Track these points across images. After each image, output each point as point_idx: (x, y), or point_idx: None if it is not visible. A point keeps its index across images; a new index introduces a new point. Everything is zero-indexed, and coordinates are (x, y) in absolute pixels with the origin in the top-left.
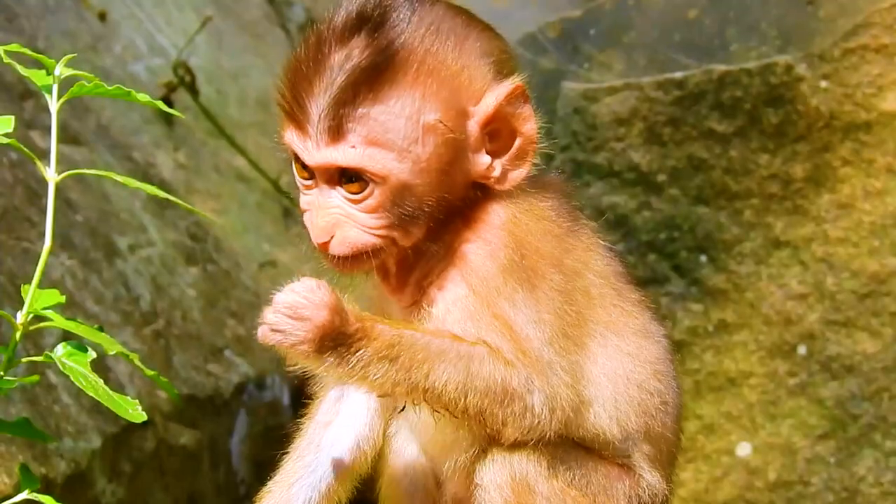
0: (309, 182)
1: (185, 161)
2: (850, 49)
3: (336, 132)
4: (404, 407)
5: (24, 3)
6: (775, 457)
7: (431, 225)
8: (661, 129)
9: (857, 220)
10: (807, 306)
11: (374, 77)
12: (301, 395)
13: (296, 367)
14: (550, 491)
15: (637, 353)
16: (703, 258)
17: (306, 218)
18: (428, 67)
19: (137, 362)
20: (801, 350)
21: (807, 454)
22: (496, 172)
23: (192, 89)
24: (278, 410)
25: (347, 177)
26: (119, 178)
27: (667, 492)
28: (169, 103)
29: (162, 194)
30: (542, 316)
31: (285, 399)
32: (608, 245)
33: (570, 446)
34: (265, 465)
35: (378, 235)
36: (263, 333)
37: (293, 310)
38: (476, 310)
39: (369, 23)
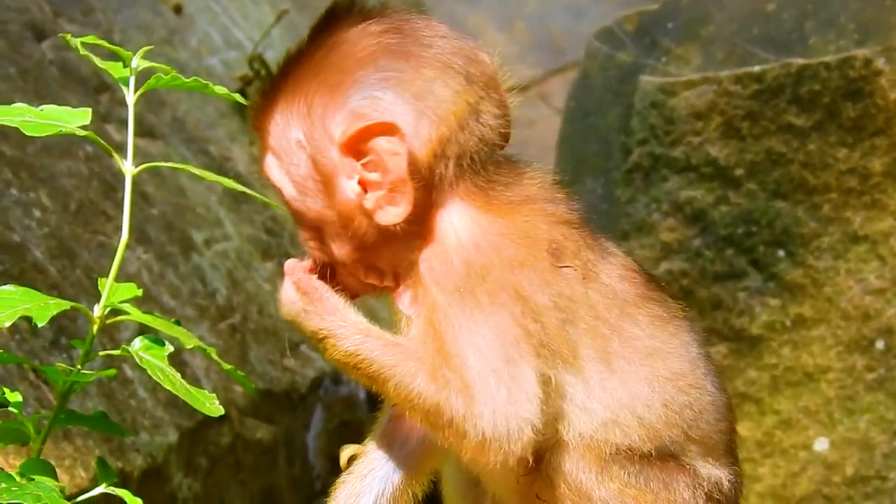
0: None
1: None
2: None
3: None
4: None
5: None
6: (853, 452)
7: (391, 239)
8: (739, 123)
9: None
10: (885, 301)
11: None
12: None
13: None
14: (608, 494)
15: (653, 375)
16: (781, 253)
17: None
18: (312, 84)
19: (215, 356)
20: (879, 345)
21: (884, 449)
22: (369, 204)
23: None
24: (354, 405)
25: None
26: (196, 171)
27: (731, 477)
28: (245, 97)
29: (239, 188)
30: (489, 344)
31: (361, 394)
32: (620, 255)
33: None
34: None
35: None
36: None
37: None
38: (428, 333)
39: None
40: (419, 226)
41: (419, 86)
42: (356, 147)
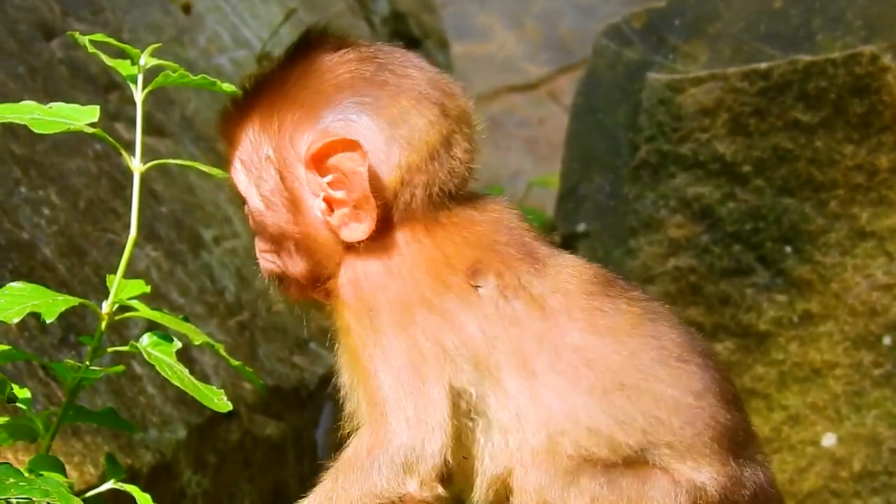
0: None
1: None
2: None
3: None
4: None
5: None
6: (860, 447)
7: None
8: (747, 119)
9: None
10: (892, 297)
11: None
12: None
13: None
14: None
15: (592, 386)
16: (789, 249)
17: None
18: (281, 101)
19: (223, 352)
20: (887, 341)
21: (892, 445)
22: (334, 222)
23: None
24: None
25: None
26: (205, 169)
27: (720, 479)
28: None
29: None
30: (400, 362)
31: None
32: (568, 265)
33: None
34: None
35: (267, 261)
36: None
37: None
38: (346, 373)
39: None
40: (378, 248)
41: (394, 113)
42: (320, 164)
